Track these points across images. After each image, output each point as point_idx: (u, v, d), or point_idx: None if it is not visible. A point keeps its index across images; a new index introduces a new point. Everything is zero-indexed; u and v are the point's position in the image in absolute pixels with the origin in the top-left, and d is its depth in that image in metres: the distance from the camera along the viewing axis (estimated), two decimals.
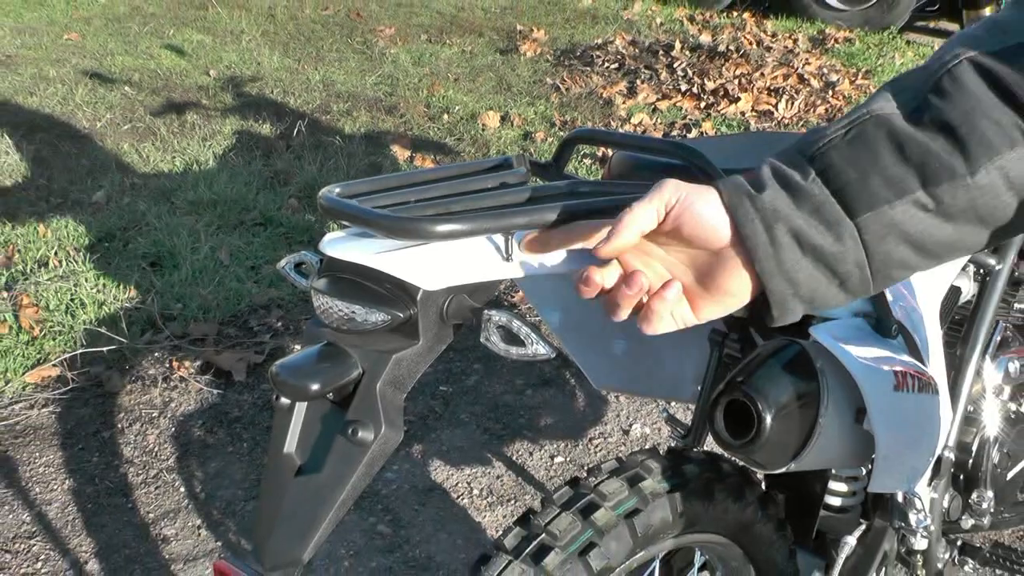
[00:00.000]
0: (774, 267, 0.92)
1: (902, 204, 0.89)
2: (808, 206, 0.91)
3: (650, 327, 0.98)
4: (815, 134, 0.94)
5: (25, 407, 2.93)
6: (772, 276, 0.92)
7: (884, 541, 1.70)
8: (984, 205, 0.89)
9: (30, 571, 2.36)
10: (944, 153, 0.88)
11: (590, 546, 1.29)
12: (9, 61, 5.99)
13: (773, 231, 0.91)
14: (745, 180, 0.94)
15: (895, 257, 0.92)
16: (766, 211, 0.91)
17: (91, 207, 4.10)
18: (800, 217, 0.91)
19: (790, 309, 0.95)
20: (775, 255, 0.91)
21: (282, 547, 1.09)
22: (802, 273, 0.92)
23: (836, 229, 0.91)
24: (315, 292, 1.08)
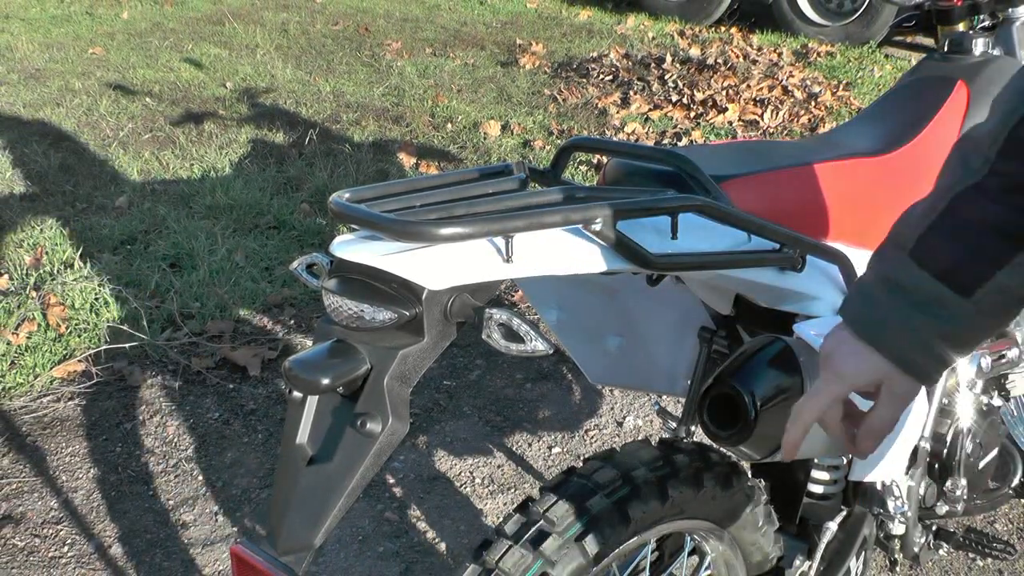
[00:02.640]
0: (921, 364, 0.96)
1: (1007, 270, 0.90)
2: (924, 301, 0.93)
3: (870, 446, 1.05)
4: (906, 225, 0.96)
5: (52, 400, 2.93)
6: (922, 371, 0.97)
7: (864, 526, 1.70)
8: None
9: (57, 555, 2.36)
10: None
11: (586, 532, 1.29)
12: (38, 74, 5.98)
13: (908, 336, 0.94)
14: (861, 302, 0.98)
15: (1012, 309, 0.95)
16: (894, 323, 0.95)
17: (114, 211, 4.10)
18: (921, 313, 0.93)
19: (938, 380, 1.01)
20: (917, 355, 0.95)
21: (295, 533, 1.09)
22: (940, 352, 0.95)
23: (957, 314, 0.93)
24: (326, 292, 1.08)
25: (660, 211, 1.15)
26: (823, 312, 1.38)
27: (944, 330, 0.93)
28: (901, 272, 0.94)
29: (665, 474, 1.37)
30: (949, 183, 0.93)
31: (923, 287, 0.92)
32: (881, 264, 0.97)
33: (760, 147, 1.65)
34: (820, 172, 1.47)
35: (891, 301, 0.94)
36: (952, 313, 0.92)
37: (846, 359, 0.99)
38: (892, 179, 1.55)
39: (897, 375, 0.97)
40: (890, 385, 0.98)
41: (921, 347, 0.95)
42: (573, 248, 1.09)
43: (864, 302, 0.98)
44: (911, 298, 0.93)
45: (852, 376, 0.99)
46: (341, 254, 1.03)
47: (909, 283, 0.93)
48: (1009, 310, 0.95)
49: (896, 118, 1.67)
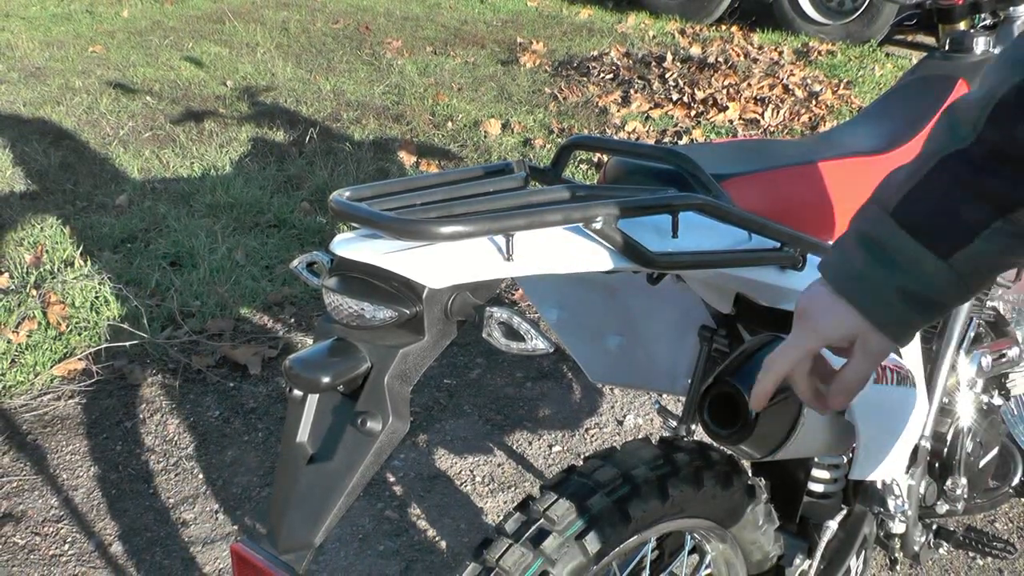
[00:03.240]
0: (895, 323, 0.97)
1: (985, 235, 0.92)
2: (903, 262, 0.94)
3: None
4: (888, 186, 0.97)
5: (53, 398, 2.93)
6: (895, 330, 0.98)
7: (864, 525, 1.70)
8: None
9: (58, 553, 2.36)
10: (1010, 181, 0.89)
11: (586, 530, 1.29)
12: (38, 72, 5.98)
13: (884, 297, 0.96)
14: (840, 259, 0.98)
15: (988, 276, 0.97)
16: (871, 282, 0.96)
17: (114, 210, 4.10)
18: (899, 275, 0.95)
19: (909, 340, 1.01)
20: (892, 315, 0.97)
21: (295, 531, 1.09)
22: (914, 315, 0.97)
23: (933, 276, 0.94)
24: (326, 290, 1.07)
25: (661, 210, 1.15)
26: None
27: (920, 291, 0.95)
28: (882, 231, 0.95)
29: (665, 473, 1.37)
30: (935, 148, 0.94)
31: (902, 247, 0.94)
32: (862, 223, 0.98)
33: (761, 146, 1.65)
34: (821, 171, 1.47)
35: (870, 259, 0.96)
36: (929, 275, 0.94)
37: (822, 314, 1.00)
38: None
39: (871, 332, 0.98)
40: (864, 342, 0.99)
41: (898, 307, 0.96)
42: (574, 247, 1.09)
43: (843, 258, 0.99)
44: (890, 257, 0.94)
45: (827, 331, 1.00)
46: (342, 252, 1.03)
47: (889, 242, 0.94)
48: (983, 277, 0.96)
49: (897, 117, 1.67)
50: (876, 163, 1.54)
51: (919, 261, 0.94)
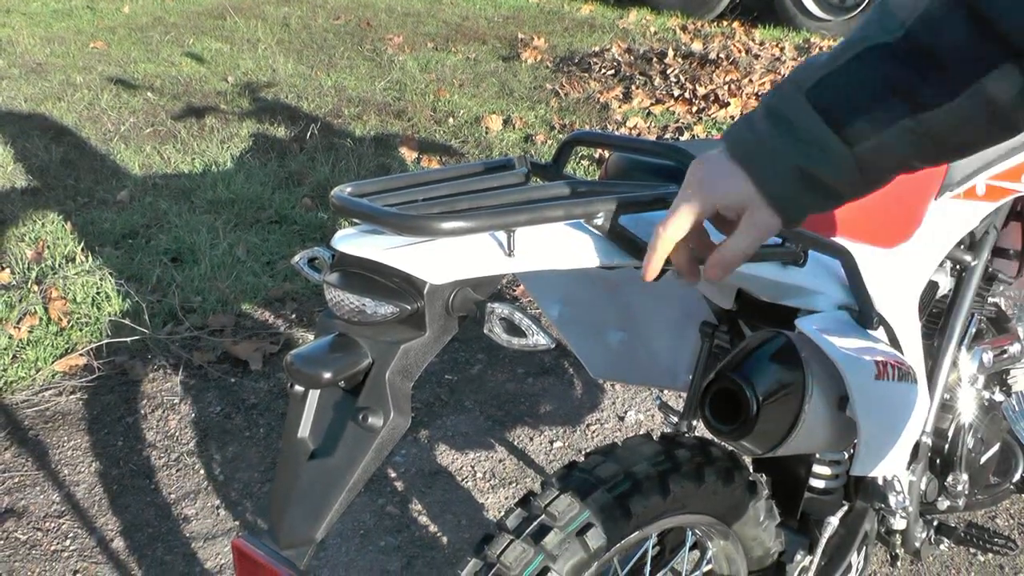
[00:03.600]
0: (788, 201, 0.97)
1: (892, 130, 0.92)
2: (806, 141, 0.94)
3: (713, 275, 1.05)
4: (808, 67, 0.96)
5: (54, 394, 2.93)
6: (787, 208, 0.98)
7: (865, 521, 1.70)
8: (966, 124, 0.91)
9: (59, 548, 2.36)
10: (926, 82, 0.89)
11: (587, 526, 1.29)
12: (39, 68, 5.98)
13: (781, 171, 0.95)
14: (746, 128, 0.98)
15: (886, 174, 0.97)
16: (771, 155, 0.95)
17: (115, 206, 4.10)
18: (800, 153, 0.94)
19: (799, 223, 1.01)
20: (787, 191, 0.96)
21: (296, 527, 1.09)
22: (807, 198, 0.97)
23: (835, 161, 0.94)
24: (327, 286, 1.07)
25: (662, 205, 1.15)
26: (825, 307, 1.37)
27: (819, 173, 0.95)
28: (792, 108, 0.94)
29: (667, 469, 1.37)
30: (862, 36, 0.93)
31: (809, 126, 0.93)
32: (774, 98, 0.97)
33: None
34: None
35: (775, 133, 0.95)
36: (831, 159, 0.94)
37: (715, 179, 0.99)
38: None
39: (762, 206, 0.98)
40: (752, 214, 0.98)
41: (792, 183, 0.96)
42: (575, 242, 1.08)
43: (748, 128, 0.98)
44: (795, 135, 0.94)
45: (717, 197, 0.99)
46: (343, 248, 1.03)
47: (797, 120, 0.94)
48: (880, 174, 0.96)
49: None
50: None
51: (823, 142, 0.93)
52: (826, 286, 1.37)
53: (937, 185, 1.61)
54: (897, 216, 1.55)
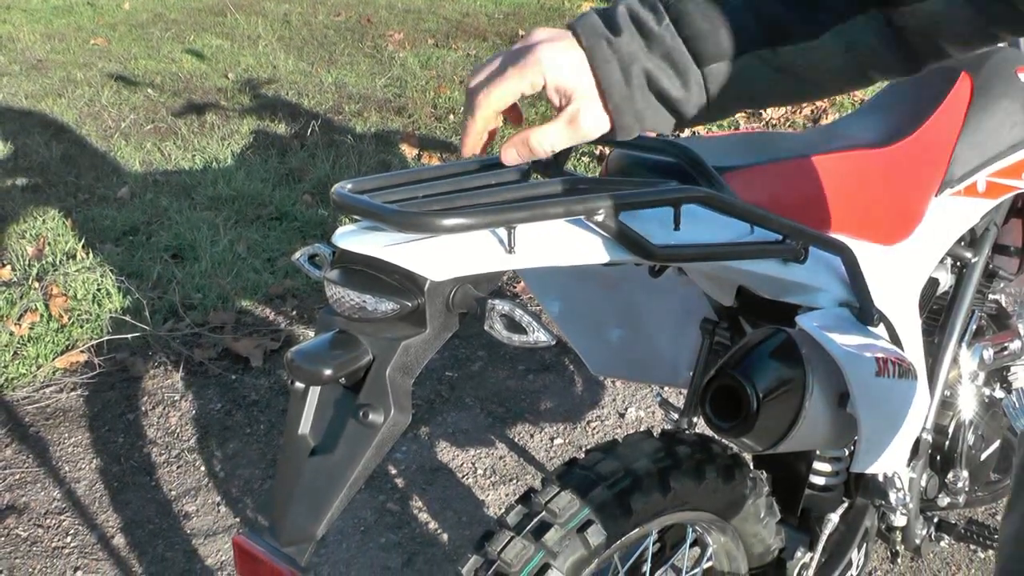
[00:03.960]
0: (627, 105, 0.93)
1: (747, 58, 0.90)
2: (660, 51, 0.91)
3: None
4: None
5: (55, 391, 2.93)
6: (623, 113, 0.93)
7: (865, 518, 1.70)
8: (820, 69, 0.90)
9: (60, 545, 2.36)
10: (793, 15, 0.88)
11: (588, 523, 1.29)
12: (40, 65, 5.98)
13: (628, 72, 0.91)
14: (602, 22, 0.93)
15: (732, 103, 0.94)
16: (622, 53, 0.91)
17: (116, 202, 4.10)
18: (652, 61, 0.91)
19: (630, 134, 0.97)
20: (629, 95, 0.92)
21: (297, 523, 1.09)
22: (649, 111, 0.94)
23: (684, 76, 0.91)
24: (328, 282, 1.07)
25: (662, 202, 1.15)
26: (826, 303, 1.37)
27: (664, 86, 0.92)
28: (650, 14, 0.91)
29: (667, 466, 1.37)
30: None
31: (664, 37, 0.90)
32: (635, 2, 0.93)
33: (763, 138, 1.64)
34: (823, 163, 1.46)
35: (629, 32, 0.92)
36: (679, 72, 0.91)
37: (557, 56, 0.93)
38: (896, 170, 1.55)
39: (596, 101, 0.94)
40: (581, 107, 0.94)
41: (636, 88, 0.92)
42: (575, 239, 1.08)
43: (605, 21, 0.93)
44: (650, 40, 0.91)
45: (553, 74, 0.93)
46: (343, 245, 1.03)
47: (654, 28, 0.91)
48: (730, 101, 0.93)
49: (899, 109, 1.67)
50: (879, 155, 1.54)
51: (675, 55, 0.90)
52: (827, 283, 1.37)
53: (937, 182, 1.61)
54: (897, 213, 1.55)
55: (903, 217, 1.56)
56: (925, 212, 1.60)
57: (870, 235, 1.51)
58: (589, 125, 0.94)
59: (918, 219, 1.59)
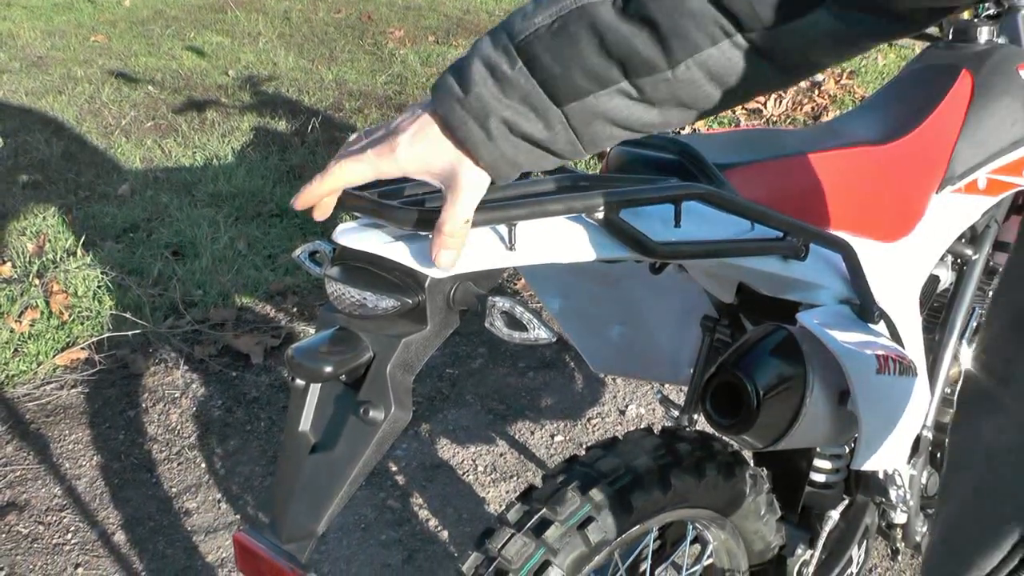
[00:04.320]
0: (497, 158, 0.92)
1: (606, 94, 0.88)
2: (516, 95, 0.89)
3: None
4: (523, 19, 0.90)
5: (55, 388, 2.93)
6: (496, 166, 0.92)
7: (866, 515, 1.70)
8: (687, 95, 0.89)
9: (61, 541, 2.36)
10: (646, 49, 0.86)
11: (588, 520, 1.29)
12: (40, 62, 5.98)
13: (487, 127, 0.90)
14: (455, 80, 0.92)
15: (603, 134, 0.92)
16: (475, 110, 0.90)
17: (116, 199, 4.10)
18: (509, 108, 0.89)
19: (511, 178, 0.96)
20: (495, 147, 0.91)
21: (298, 520, 1.09)
22: (521, 156, 0.92)
23: (545, 117, 0.90)
24: (328, 279, 1.07)
25: (663, 199, 1.15)
26: (826, 301, 1.37)
27: (529, 130, 0.90)
28: (503, 58, 0.89)
29: (667, 463, 1.37)
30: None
31: (520, 80, 0.89)
32: (486, 45, 0.91)
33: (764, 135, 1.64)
34: (823, 160, 1.46)
35: (484, 84, 0.90)
36: (540, 115, 0.90)
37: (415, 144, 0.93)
38: (896, 168, 1.55)
39: (471, 166, 0.92)
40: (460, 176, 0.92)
41: (502, 140, 0.91)
42: (576, 236, 1.08)
43: (458, 78, 0.92)
44: (504, 86, 0.89)
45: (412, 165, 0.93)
46: (344, 242, 1.03)
47: (508, 73, 0.89)
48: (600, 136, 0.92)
49: (900, 107, 1.67)
50: (880, 152, 1.54)
51: (532, 98, 0.89)
52: (827, 280, 1.37)
53: (938, 179, 1.61)
54: (898, 210, 1.55)
55: (904, 214, 1.56)
56: (926, 209, 1.59)
57: (871, 232, 1.51)
58: (474, 187, 0.93)
59: (919, 216, 1.58)
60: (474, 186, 0.93)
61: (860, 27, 0.86)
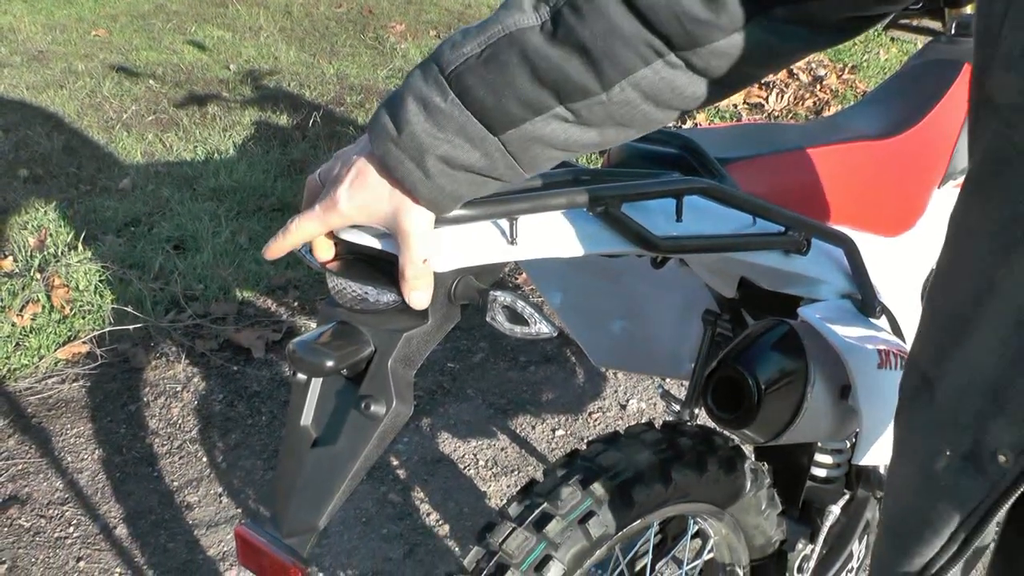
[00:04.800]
0: (437, 194, 0.91)
1: (542, 120, 0.88)
2: (451, 128, 0.88)
3: None
4: (452, 49, 0.89)
5: (57, 382, 2.93)
6: (436, 203, 0.92)
7: (867, 510, 1.70)
8: (622, 116, 0.88)
9: (63, 535, 2.37)
10: (578, 74, 0.85)
11: (589, 514, 1.29)
12: (41, 56, 5.97)
13: (424, 164, 0.89)
14: (389, 118, 0.90)
15: (543, 157, 0.92)
16: (410, 150, 0.89)
17: (118, 193, 4.10)
18: (446, 142, 0.89)
19: (450, 210, 0.95)
20: (434, 185, 0.91)
21: (299, 515, 1.09)
22: (462, 187, 0.92)
23: (482, 146, 0.89)
24: (329, 274, 1.07)
25: (665, 193, 1.15)
26: (828, 295, 1.37)
27: (466, 161, 0.90)
28: (434, 90, 0.88)
29: (669, 457, 1.37)
30: (506, 18, 0.87)
31: (452, 112, 0.88)
32: (417, 79, 0.90)
33: (765, 129, 1.64)
34: (826, 155, 1.46)
35: (417, 119, 0.88)
36: (477, 146, 0.89)
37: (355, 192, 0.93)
38: (898, 162, 1.54)
39: (413, 207, 0.92)
40: (405, 218, 0.92)
41: (441, 176, 0.90)
42: (578, 230, 1.08)
43: (391, 114, 0.90)
44: (437, 120, 0.88)
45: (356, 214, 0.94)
46: (345, 236, 1.03)
47: (440, 106, 0.88)
48: (539, 158, 0.92)
49: (902, 101, 1.66)
50: (882, 147, 1.54)
51: (468, 128, 0.88)
52: (829, 275, 1.37)
53: (940, 174, 1.61)
54: (900, 205, 1.55)
55: (905, 209, 1.56)
56: (927, 204, 1.59)
57: (873, 227, 1.50)
58: (421, 225, 0.93)
59: (920, 211, 1.58)
60: (419, 226, 0.93)
61: (794, 41, 0.86)
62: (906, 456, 0.90)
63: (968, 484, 0.82)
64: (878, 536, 0.95)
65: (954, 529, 0.84)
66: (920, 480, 0.87)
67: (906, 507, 0.90)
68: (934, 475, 0.85)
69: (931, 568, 0.87)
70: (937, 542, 0.86)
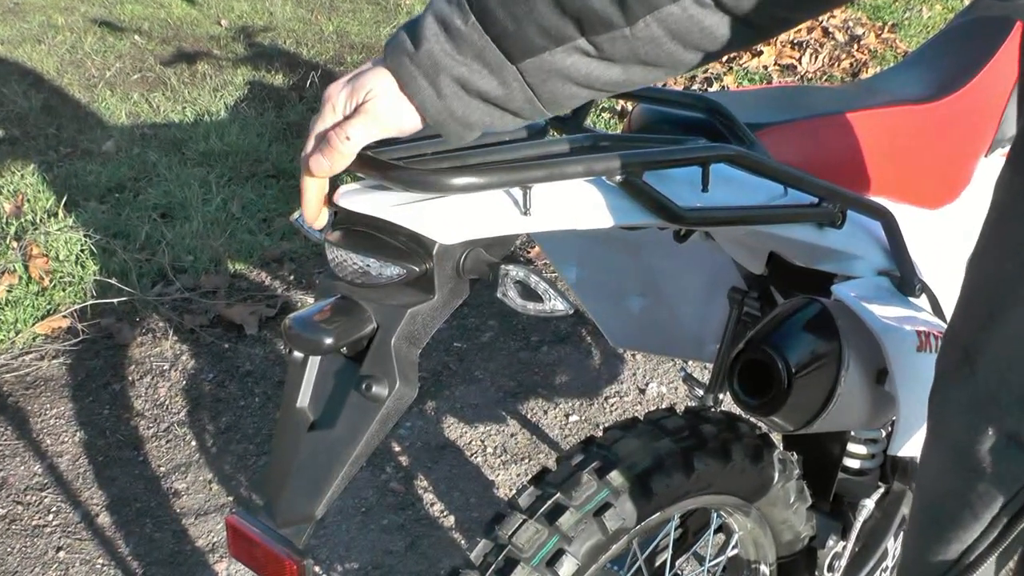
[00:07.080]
0: (446, 116, 0.94)
1: (562, 51, 0.90)
2: (470, 52, 0.91)
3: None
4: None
5: (35, 358, 2.95)
6: (445, 124, 0.95)
7: (903, 505, 1.70)
8: (647, 53, 0.90)
9: (42, 523, 2.38)
10: (601, 5, 0.87)
11: (605, 506, 1.29)
12: (17, 8, 5.97)
13: (437, 83, 0.92)
14: (407, 36, 0.94)
15: (563, 93, 0.94)
16: (426, 65, 0.92)
17: (100, 157, 4.10)
18: (463, 64, 0.91)
19: (467, 139, 0.98)
20: (444, 106, 0.93)
21: (294, 503, 1.09)
22: (474, 115, 0.94)
23: (500, 74, 0.92)
24: (329, 245, 1.07)
25: (690, 161, 1.14)
26: (864, 272, 1.37)
27: (482, 87, 0.92)
28: (456, 15, 0.91)
29: (691, 445, 1.37)
30: None
31: (472, 37, 0.91)
32: (441, 1, 0.93)
33: (799, 93, 1.63)
34: (863, 120, 1.46)
35: (432, 42, 0.92)
36: (493, 71, 0.92)
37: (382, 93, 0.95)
38: (942, 128, 1.54)
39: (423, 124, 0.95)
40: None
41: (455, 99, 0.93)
42: (595, 200, 1.08)
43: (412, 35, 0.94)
44: (457, 43, 0.91)
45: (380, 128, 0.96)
46: (346, 205, 1.03)
47: (461, 30, 0.91)
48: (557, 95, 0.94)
49: (947, 62, 1.65)
50: (924, 112, 1.53)
51: (487, 54, 0.91)
52: (865, 250, 1.37)
53: (987, 141, 1.60)
54: (943, 175, 1.54)
55: (949, 179, 1.55)
56: (973, 173, 1.59)
57: (913, 198, 1.50)
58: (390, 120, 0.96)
59: (965, 181, 1.58)
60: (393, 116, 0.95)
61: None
62: (942, 437, 0.91)
63: (1012, 465, 0.82)
64: (909, 525, 0.96)
65: (996, 512, 0.85)
66: (958, 461, 0.87)
67: (943, 490, 0.90)
68: (974, 455, 0.85)
69: (970, 555, 0.87)
70: (977, 527, 0.86)
